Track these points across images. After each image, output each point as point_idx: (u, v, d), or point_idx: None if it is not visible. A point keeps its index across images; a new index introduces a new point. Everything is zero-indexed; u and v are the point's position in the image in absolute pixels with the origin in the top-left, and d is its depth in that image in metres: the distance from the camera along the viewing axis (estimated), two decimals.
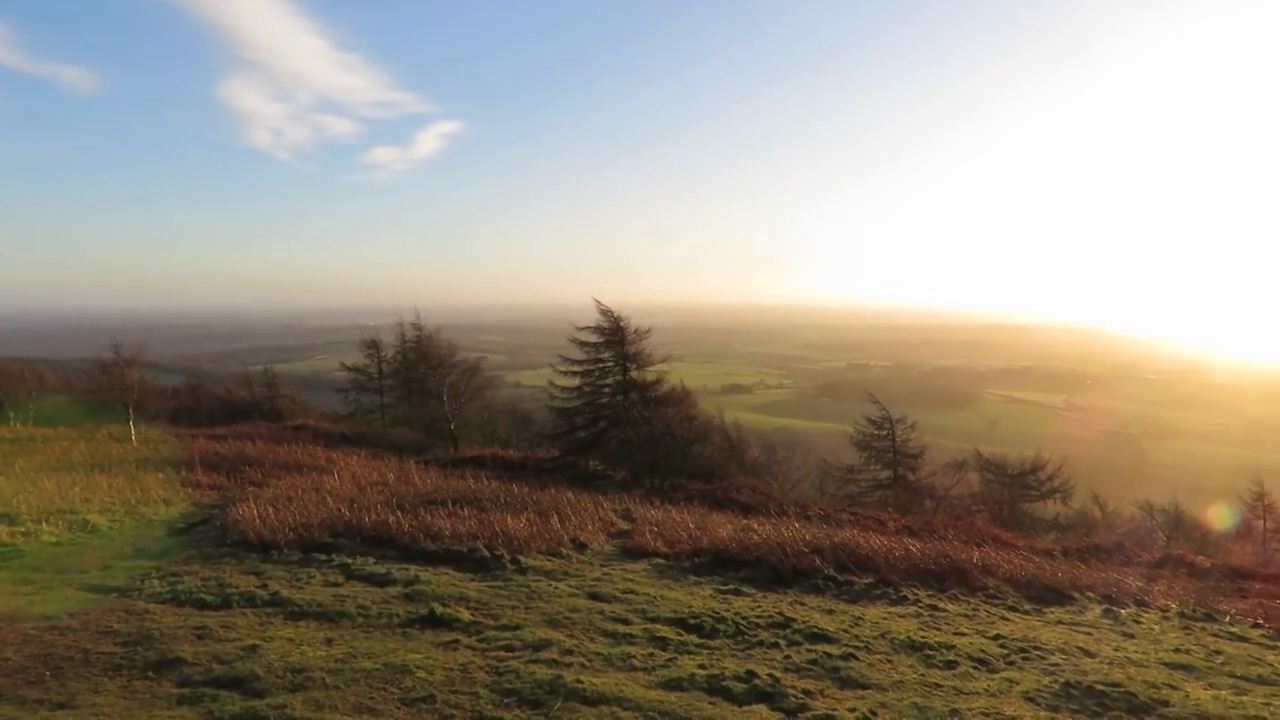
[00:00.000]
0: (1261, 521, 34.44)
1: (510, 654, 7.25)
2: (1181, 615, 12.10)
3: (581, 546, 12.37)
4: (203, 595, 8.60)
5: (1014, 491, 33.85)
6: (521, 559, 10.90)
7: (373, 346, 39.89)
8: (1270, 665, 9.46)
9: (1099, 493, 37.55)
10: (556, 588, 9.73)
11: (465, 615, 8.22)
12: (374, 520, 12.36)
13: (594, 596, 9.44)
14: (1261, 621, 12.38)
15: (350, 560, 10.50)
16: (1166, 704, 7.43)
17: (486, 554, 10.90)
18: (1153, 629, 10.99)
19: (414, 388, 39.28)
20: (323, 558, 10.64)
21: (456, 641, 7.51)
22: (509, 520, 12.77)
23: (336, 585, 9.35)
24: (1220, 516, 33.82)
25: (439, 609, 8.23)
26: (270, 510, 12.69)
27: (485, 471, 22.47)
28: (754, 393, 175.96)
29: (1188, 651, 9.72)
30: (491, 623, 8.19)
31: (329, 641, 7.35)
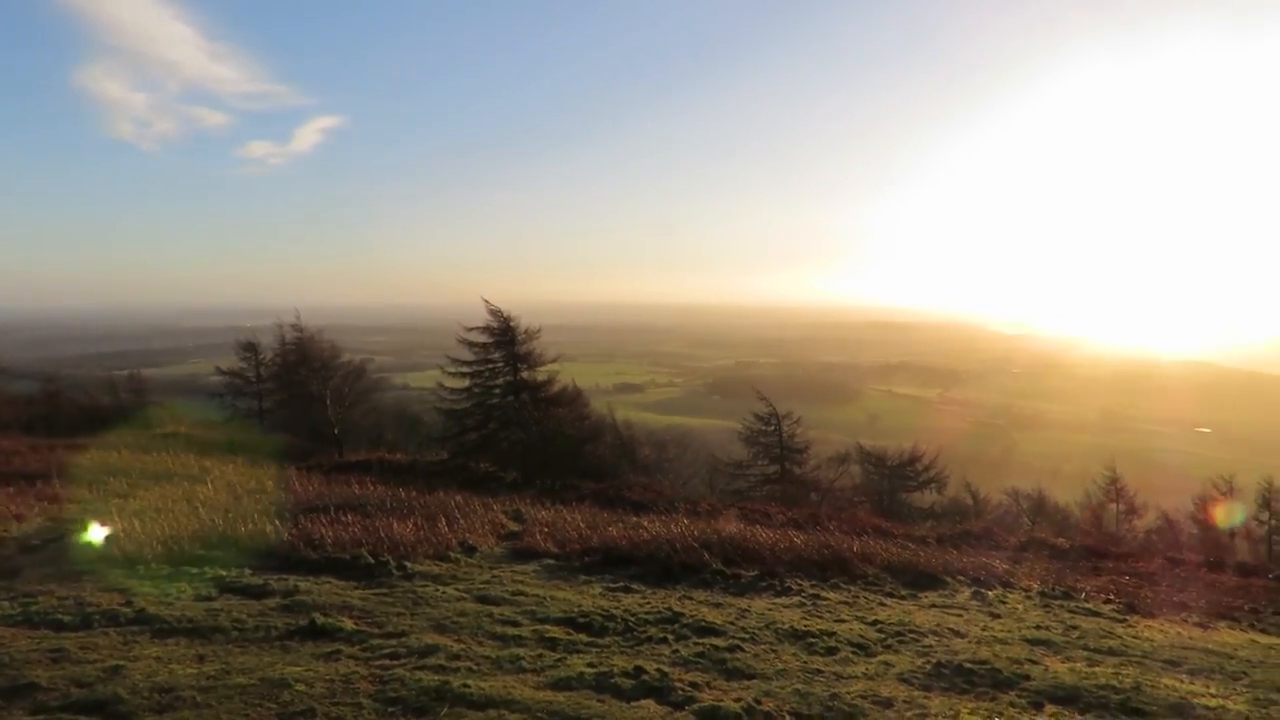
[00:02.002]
0: (1115, 504, 37.10)
1: (395, 662, 7.09)
2: (1042, 594, 12.91)
3: (470, 549, 12.20)
4: (60, 615, 8.05)
5: (893, 482, 35.39)
6: (408, 564, 10.66)
7: (250, 349, 38.28)
8: (1119, 637, 10.21)
9: (971, 481, 39.68)
10: (444, 592, 9.57)
11: (348, 624, 7.99)
12: (251, 530, 11.85)
13: (483, 599, 9.34)
14: (1113, 597, 13.36)
15: (224, 572, 10.03)
16: (1028, 678, 7.91)
17: (371, 561, 10.61)
18: (1016, 608, 11.68)
19: (295, 391, 37.90)
20: (194, 571, 10.12)
21: (339, 652, 7.29)
22: (395, 525, 12.48)
23: (209, 599, 8.92)
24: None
25: (320, 619, 7.97)
26: (136, 523, 11.99)
27: (371, 476, 21.85)
28: (646, 391, 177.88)
29: (1047, 628, 10.39)
30: (376, 631, 7.99)
31: (200, 658, 7.01)
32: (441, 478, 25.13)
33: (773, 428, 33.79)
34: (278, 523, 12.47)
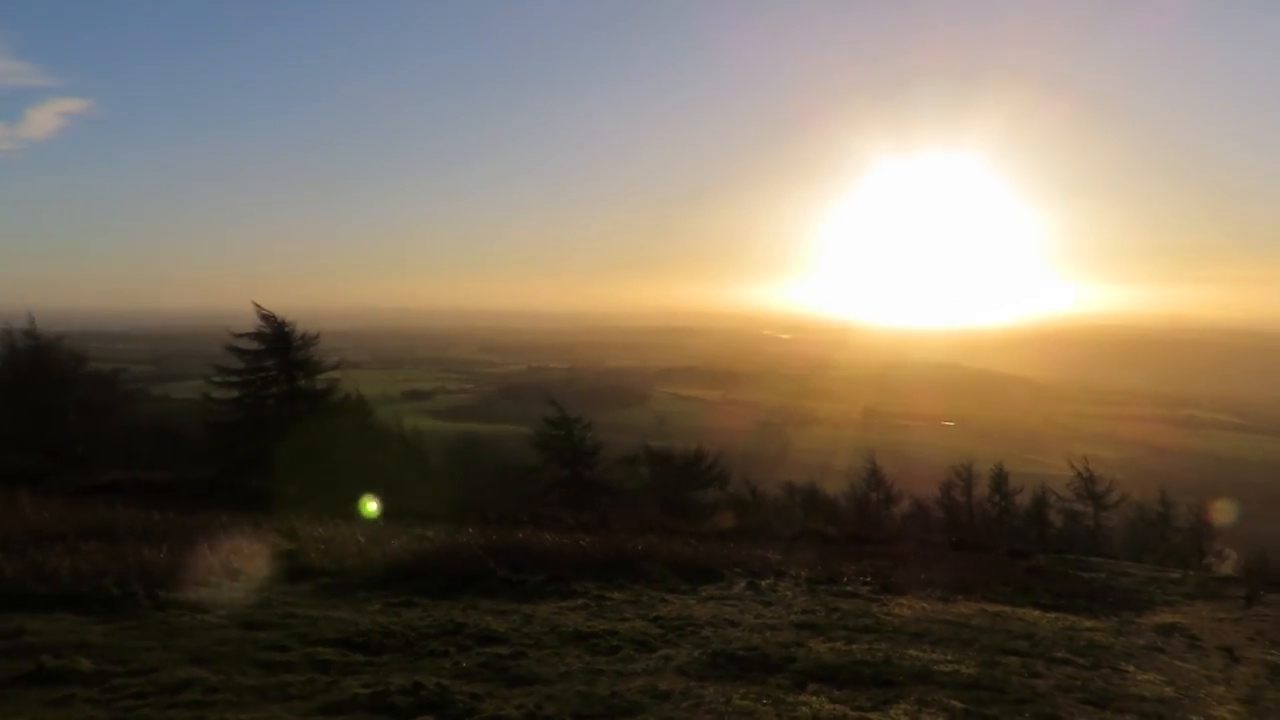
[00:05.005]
0: (875, 494, 40.55)
1: (142, 701, 6.44)
2: (810, 581, 13.85)
3: (236, 573, 11.31)
4: None
5: (680, 481, 36.72)
6: (161, 594, 9.71)
7: None
8: (874, 616, 11.16)
9: (750, 477, 42.02)
10: (203, 620, 8.81)
11: (85, 665, 7.14)
12: None
13: (248, 626, 8.69)
14: (870, 579, 14.56)
15: None
16: (794, 660, 8.47)
17: (117, 592, 9.56)
18: (786, 595, 12.48)
19: (29, 406, 33.57)
20: None
21: (73, 696, 6.50)
22: (146, 551, 11.36)
23: None
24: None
25: (50, 662, 7.07)
26: None
27: (123, 498, 19.77)
28: (435, 398, 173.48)
29: (813, 612, 11.17)
30: (120, 669, 7.20)
31: None
32: (207, 497, 23.20)
33: (563, 432, 34.04)
34: (1, 554, 10.98)
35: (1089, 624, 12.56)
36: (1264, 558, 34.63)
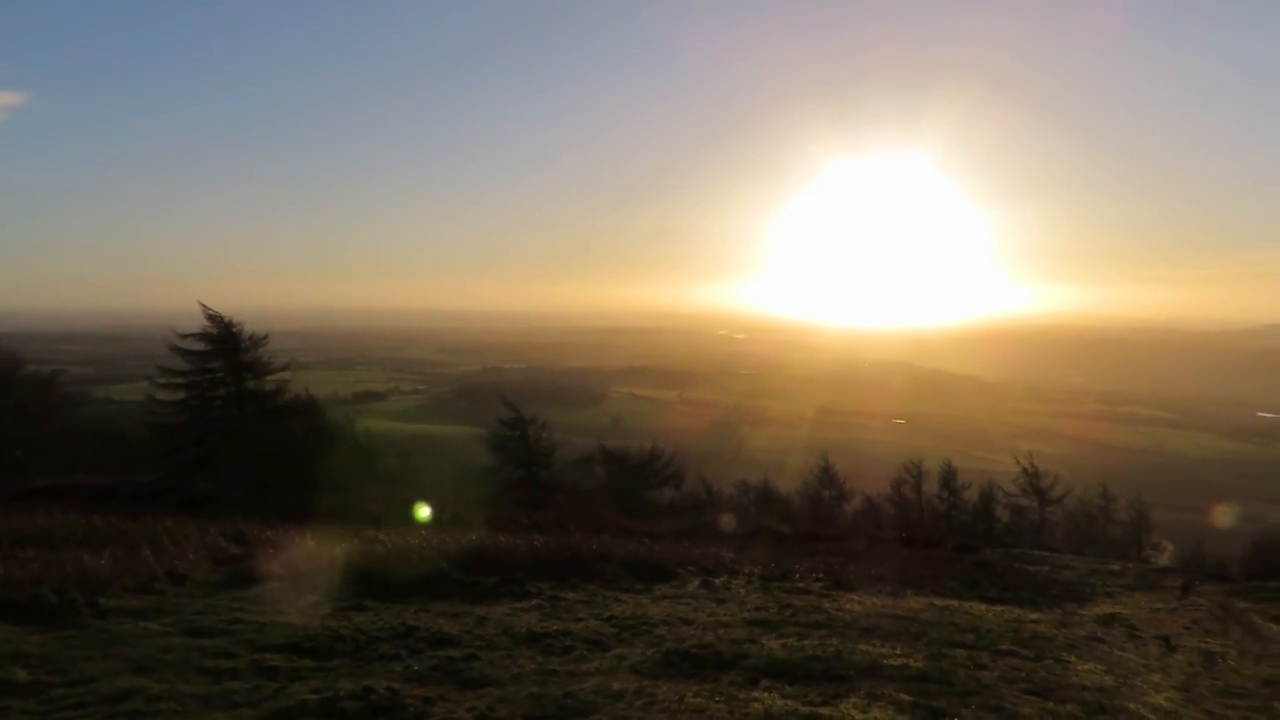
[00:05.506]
0: (827, 492, 41.05)
1: (82, 712, 6.27)
2: (763, 578, 13.98)
3: (180, 579, 11.06)
4: None
5: (636, 481, 36.78)
6: (101, 601, 9.45)
7: None
8: (825, 612, 11.30)
9: (706, 476, 42.27)
10: (145, 628, 8.60)
11: (21, 675, 6.93)
12: None
13: (192, 633, 8.50)
14: (822, 575, 14.74)
15: None
16: (746, 656, 8.54)
17: (54, 600, 9.28)
18: (740, 593, 12.58)
19: None
20: None
21: (8, 708, 6.31)
22: (86, 558, 11.05)
23: None
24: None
25: None
26: None
27: (63, 504, 19.21)
28: (389, 399, 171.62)
29: (765, 609, 11.27)
30: (58, 680, 7.00)
31: None
32: (151, 501, 22.64)
33: (518, 433, 33.86)
34: None
35: (1033, 616, 12.87)
36: (1199, 550, 35.87)
